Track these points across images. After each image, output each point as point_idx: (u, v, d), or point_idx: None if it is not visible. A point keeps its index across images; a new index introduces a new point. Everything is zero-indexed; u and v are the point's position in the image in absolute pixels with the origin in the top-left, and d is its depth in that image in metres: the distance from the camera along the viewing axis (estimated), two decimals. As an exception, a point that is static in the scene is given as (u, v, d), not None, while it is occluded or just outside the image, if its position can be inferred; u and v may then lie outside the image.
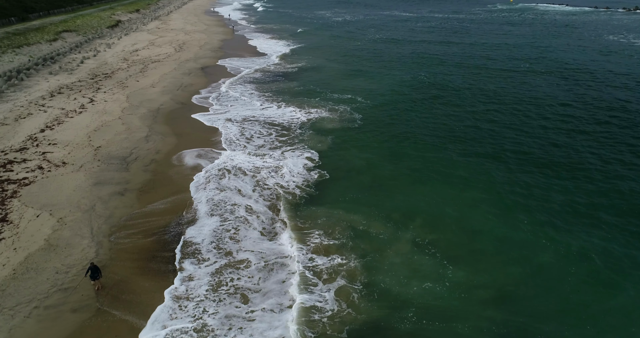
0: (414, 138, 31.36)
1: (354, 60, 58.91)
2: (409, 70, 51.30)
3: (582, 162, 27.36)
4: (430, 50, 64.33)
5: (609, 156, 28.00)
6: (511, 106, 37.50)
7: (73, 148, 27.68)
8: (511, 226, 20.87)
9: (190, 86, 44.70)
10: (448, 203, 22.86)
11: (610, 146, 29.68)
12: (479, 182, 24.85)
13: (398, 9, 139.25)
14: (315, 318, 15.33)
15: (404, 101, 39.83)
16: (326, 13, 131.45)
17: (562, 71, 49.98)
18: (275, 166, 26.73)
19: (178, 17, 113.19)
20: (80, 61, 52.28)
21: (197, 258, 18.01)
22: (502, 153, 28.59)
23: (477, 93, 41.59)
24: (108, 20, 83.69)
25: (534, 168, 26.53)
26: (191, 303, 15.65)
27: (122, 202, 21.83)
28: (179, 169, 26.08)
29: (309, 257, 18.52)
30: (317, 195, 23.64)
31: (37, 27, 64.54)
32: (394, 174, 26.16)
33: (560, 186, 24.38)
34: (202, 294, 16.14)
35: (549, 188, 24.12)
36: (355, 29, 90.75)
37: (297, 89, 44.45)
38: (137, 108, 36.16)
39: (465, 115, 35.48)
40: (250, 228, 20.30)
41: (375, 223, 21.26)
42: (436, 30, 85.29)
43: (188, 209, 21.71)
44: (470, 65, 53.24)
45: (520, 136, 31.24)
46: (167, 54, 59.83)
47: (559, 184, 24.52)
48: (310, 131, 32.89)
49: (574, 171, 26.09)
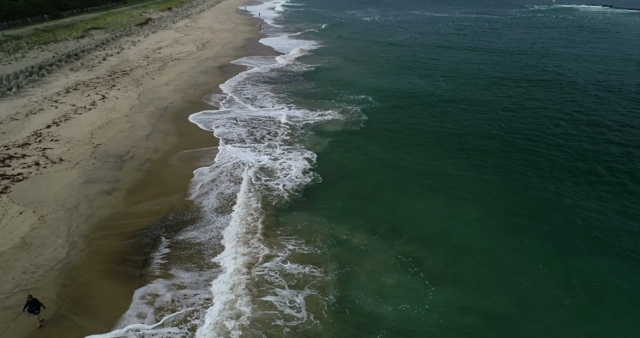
0: (418, 146, 29.94)
1: (373, 61, 57.61)
2: (427, 75, 49.44)
3: (593, 182, 25.33)
4: (454, 55, 61.81)
5: (620, 179, 25.70)
6: (530, 123, 34.07)
7: (74, 144, 27.93)
8: (504, 247, 19.37)
9: (204, 85, 44.73)
10: (440, 218, 21.52)
11: (625, 167, 27.37)
12: (477, 198, 23.27)
13: (431, 9, 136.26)
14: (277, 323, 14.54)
15: (415, 106, 38.31)
16: (357, 13, 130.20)
17: (594, 84, 46.92)
18: (271, 169, 26.08)
19: (209, 15, 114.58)
20: (103, 58, 53.38)
21: (168, 265, 17.54)
22: (508, 169, 26.52)
23: (494, 105, 39.14)
24: (138, 18, 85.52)
25: (538, 185, 24.55)
26: (151, 309, 15.16)
27: (107, 201, 21.69)
28: (173, 169, 25.80)
29: (280, 263, 17.70)
30: (304, 201, 22.80)
31: (68, 24, 66.57)
32: (389, 184, 24.95)
33: (562, 206, 22.44)
34: (165, 302, 15.63)
35: (551, 208, 22.28)
36: (381, 30, 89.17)
37: (309, 90, 43.70)
38: (146, 106, 36.34)
39: (476, 128, 33.30)
40: (227, 237, 19.66)
41: (360, 234, 20.23)
42: (465, 34, 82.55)
43: (172, 212, 21.33)
44: (493, 75, 49.74)
45: (530, 154, 28.54)
46: (188, 52, 60.33)
47: (561, 205, 22.57)
48: (314, 132, 32.09)
49: (581, 191, 24.10)
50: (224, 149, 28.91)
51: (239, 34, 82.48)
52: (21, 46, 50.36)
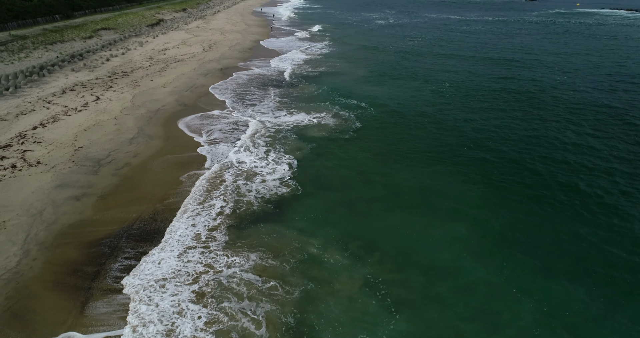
0: (407, 157, 28.68)
1: (378, 66, 56.36)
2: (431, 82, 47.62)
3: (586, 205, 23.77)
4: (462, 63, 59.78)
5: (623, 205, 24.07)
6: (531, 140, 31.88)
7: (55, 147, 27.68)
8: (482, 270, 18.11)
9: (202, 87, 44.33)
10: (419, 236, 20.37)
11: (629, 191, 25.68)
12: (461, 215, 21.98)
13: (447, 12, 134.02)
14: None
15: (411, 115, 36.91)
16: (372, 15, 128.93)
17: (608, 101, 44.87)
18: (248, 175, 25.29)
19: (223, 16, 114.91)
20: (106, 59, 53.60)
21: (120, 278, 16.89)
22: (498, 187, 24.93)
23: (495, 118, 37.47)
24: (150, 19, 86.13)
25: (527, 206, 22.97)
26: (91, 328, 14.52)
27: (73, 208, 21.22)
28: (150, 175, 25.24)
29: (239, 275, 16.86)
30: (276, 211, 21.90)
31: (78, 24, 67.32)
32: (371, 196, 23.86)
33: (548, 230, 20.95)
34: (111, 319, 14.97)
35: (541, 231, 20.82)
36: (392, 33, 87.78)
37: (306, 93, 42.84)
38: (137, 108, 36.05)
39: (473, 141, 31.52)
40: (184, 245, 18.93)
41: (331, 250, 19.26)
42: (476, 40, 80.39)
43: (138, 220, 20.73)
44: (498, 85, 47.78)
45: (525, 172, 26.66)
46: (193, 54, 60.21)
47: (548, 228, 21.09)
48: (301, 138, 31.23)
49: (570, 215, 22.52)
50: (207, 155, 28.29)
51: (249, 35, 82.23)
52: (26, 45, 50.93)
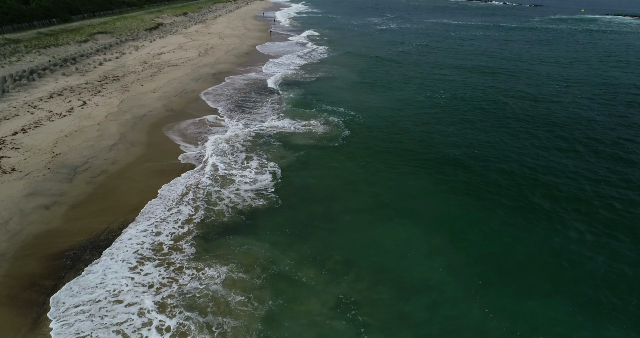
0: (396, 167, 27.88)
1: (373, 72, 55.74)
2: (426, 90, 46.57)
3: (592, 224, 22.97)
4: (459, 71, 59.12)
5: (607, 220, 23.24)
6: (529, 154, 30.34)
7: (33, 153, 27.25)
8: (460, 288, 17.37)
9: (192, 93, 43.91)
10: (398, 250, 19.67)
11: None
12: (444, 227, 21.30)
13: (448, 17, 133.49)
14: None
15: (404, 123, 36.07)
16: (374, 20, 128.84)
17: (613, 112, 44.00)
18: (225, 183, 24.70)
19: (223, 20, 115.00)
20: (99, 63, 53.37)
21: (77, 291, 16.33)
22: (488, 199, 24.10)
23: (491, 130, 36.44)
24: (149, 23, 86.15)
25: (518, 219, 22.19)
26: (40, 347, 13.95)
27: (41, 217, 20.72)
28: (126, 184, 24.70)
29: (204, 288, 16.24)
30: (249, 223, 21.28)
31: (74, 28, 67.30)
32: (354, 208, 23.17)
33: (536, 245, 20.20)
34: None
35: (522, 246, 20.07)
36: (392, 39, 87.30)
37: (299, 100, 42.22)
38: (123, 114, 35.63)
39: (462, 151, 30.44)
40: (148, 257, 18.35)
41: (305, 266, 18.59)
42: (476, 47, 79.78)
43: (106, 231, 20.19)
44: (498, 95, 47.26)
45: (514, 186, 25.53)
46: (188, 58, 59.93)
47: (537, 244, 20.32)
48: (286, 146, 30.62)
49: (563, 231, 21.74)
50: (188, 162, 27.79)
51: (247, 40, 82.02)
52: (19, 49, 50.80)
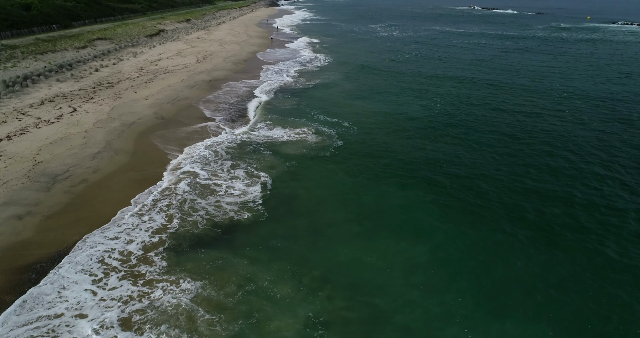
0: (388, 179, 27.05)
1: (370, 81, 55.09)
2: (421, 101, 45.09)
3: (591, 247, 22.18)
4: (456, 84, 57.98)
5: (593, 240, 22.39)
6: (528, 169, 29.18)
7: (15, 161, 26.90)
8: (436, 306, 16.70)
9: (185, 100, 43.57)
10: (378, 265, 19.04)
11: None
12: (428, 241, 20.65)
13: (451, 25, 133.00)
14: None
15: (395, 133, 35.35)
16: (376, 27, 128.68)
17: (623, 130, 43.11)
18: (213, 192, 24.16)
19: (226, 27, 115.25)
20: (95, 69, 53.30)
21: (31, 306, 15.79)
22: (476, 213, 23.34)
23: (479, 144, 34.53)
24: (150, 30, 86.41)
25: (503, 235, 21.48)
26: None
27: (13, 228, 20.25)
28: (104, 193, 24.22)
29: (173, 303, 15.63)
30: (227, 238, 20.69)
31: (73, 34, 67.52)
32: (338, 222, 22.51)
33: (520, 264, 19.47)
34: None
35: (505, 263, 19.37)
36: (394, 46, 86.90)
37: (292, 108, 41.81)
38: (112, 121, 35.30)
39: (454, 165, 29.23)
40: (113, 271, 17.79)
41: (282, 282, 17.94)
42: (476, 58, 78.99)
43: (69, 246, 19.66)
44: (497, 107, 45.63)
45: (506, 203, 24.43)
46: (185, 65, 59.80)
47: (522, 263, 19.59)
48: (278, 154, 30.18)
49: (549, 251, 20.98)
50: (172, 171, 27.32)
51: (247, 46, 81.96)
52: (15, 55, 50.86)
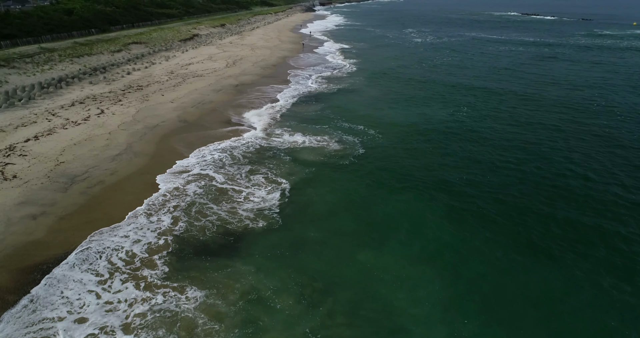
0: (405, 190, 26.23)
1: (398, 88, 53.91)
2: (448, 111, 43.45)
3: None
4: (487, 95, 55.50)
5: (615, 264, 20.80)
6: (542, 191, 27.14)
7: (38, 161, 27.73)
8: (439, 330, 15.86)
9: (209, 104, 44.05)
10: (383, 279, 18.50)
11: None
12: (437, 257, 19.88)
13: (488, 32, 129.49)
14: None
15: (418, 142, 34.13)
16: (411, 32, 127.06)
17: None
18: (228, 197, 24.08)
19: (260, 32, 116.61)
20: (127, 73, 54.79)
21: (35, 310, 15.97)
22: (492, 230, 22.27)
23: (518, 158, 33.65)
24: (185, 34, 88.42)
25: (518, 255, 20.28)
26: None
27: (26, 227, 20.74)
28: (118, 195, 24.56)
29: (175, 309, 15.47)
30: (236, 245, 20.46)
31: (110, 38, 69.87)
32: (350, 230, 22.08)
33: (533, 287, 18.41)
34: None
35: (516, 285, 18.33)
36: (426, 52, 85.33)
37: (316, 114, 41.42)
38: (136, 124, 36.00)
39: (475, 181, 27.76)
40: (116, 280, 17.81)
41: (285, 294, 17.61)
42: (512, 66, 76.35)
43: (85, 245, 19.92)
44: (524, 129, 38.31)
45: (525, 221, 23.12)
46: (214, 69, 60.64)
47: (544, 286, 18.49)
48: (297, 161, 30.08)
49: (566, 276, 19.69)
50: (187, 175, 27.45)
51: (278, 51, 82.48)
52: (53, 58, 52.98)
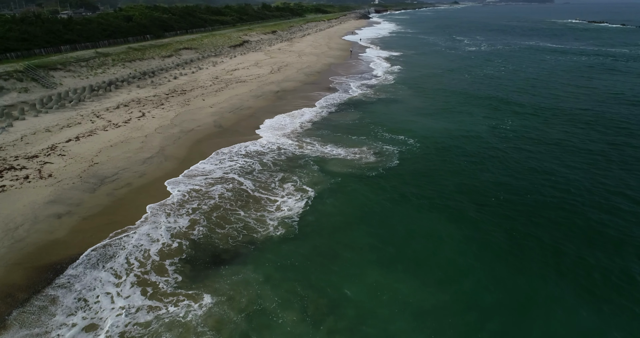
0: (430, 205, 24.81)
1: (444, 99, 51.67)
2: (494, 125, 40.83)
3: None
4: (539, 110, 51.68)
5: None
6: (587, 223, 24.60)
7: (74, 161, 28.77)
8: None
9: (247, 110, 44.36)
10: (391, 303, 17.25)
11: None
12: (453, 284, 18.34)
13: (547, 40, 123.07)
14: None
15: (456, 157, 32.09)
16: (465, 40, 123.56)
17: None
18: (252, 204, 23.77)
19: (310, 39, 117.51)
20: (174, 77, 56.57)
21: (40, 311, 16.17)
22: (539, 263, 20.54)
23: (551, 186, 31.17)
24: (235, 40, 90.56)
25: (546, 296, 18.56)
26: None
27: (49, 226, 21.33)
28: (142, 198, 24.90)
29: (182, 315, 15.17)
30: (250, 251, 19.99)
31: (163, 44, 72.71)
32: (363, 245, 21.09)
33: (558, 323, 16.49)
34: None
35: (554, 329, 16.50)
36: (478, 61, 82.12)
37: (354, 123, 40.33)
38: (172, 128, 36.75)
39: (512, 205, 25.35)
40: (126, 283, 17.75)
41: (288, 308, 16.92)
42: (568, 78, 71.60)
43: (101, 247, 20.17)
44: (578, 155, 33.75)
45: (560, 253, 21.89)
46: (257, 75, 61.33)
47: (560, 322, 16.61)
48: (324, 170, 29.25)
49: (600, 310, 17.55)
50: (212, 180, 27.47)
51: (325, 58, 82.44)
52: (106, 62, 55.69)
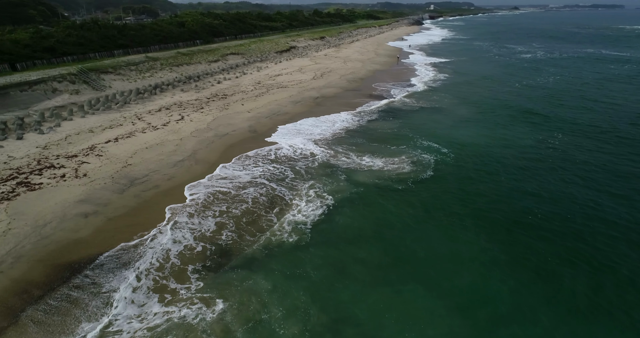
0: (454, 222, 23.25)
1: (490, 108, 48.91)
2: (541, 138, 38.30)
3: None
4: (594, 123, 48.67)
5: None
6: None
7: (110, 162, 29.74)
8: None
9: (284, 115, 44.34)
10: (396, 325, 16.13)
11: None
12: (466, 309, 16.93)
13: (614, 48, 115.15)
14: None
15: (495, 170, 30.11)
16: (521, 47, 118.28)
17: None
18: (270, 210, 23.51)
19: (358, 45, 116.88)
20: (218, 82, 57.78)
21: (51, 311, 16.49)
22: (571, 294, 18.82)
23: (598, 203, 29.24)
24: (282, 46, 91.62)
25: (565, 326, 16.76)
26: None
27: (75, 224, 21.98)
28: (167, 200, 25.24)
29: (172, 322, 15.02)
30: (263, 258, 19.62)
31: (211, 49, 74.71)
32: (374, 260, 20.07)
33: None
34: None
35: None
36: (530, 70, 78.01)
37: (390, 132, 39.02)
38: (207, 132, 37.30)
39: (550, 220, 23.88)
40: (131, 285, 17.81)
41: (290, 320, 16.32)
42: (631, 92, 66.50)
43: (120, 249, 20.49)
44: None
45: (589, 282, 20.04)
46: (299, 81, 61.45)
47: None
48: (350, 180, 28.29)
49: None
50: (239, 184, 27.44)
51: (370, 65, 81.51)
52: (155, 66, 57.84)
